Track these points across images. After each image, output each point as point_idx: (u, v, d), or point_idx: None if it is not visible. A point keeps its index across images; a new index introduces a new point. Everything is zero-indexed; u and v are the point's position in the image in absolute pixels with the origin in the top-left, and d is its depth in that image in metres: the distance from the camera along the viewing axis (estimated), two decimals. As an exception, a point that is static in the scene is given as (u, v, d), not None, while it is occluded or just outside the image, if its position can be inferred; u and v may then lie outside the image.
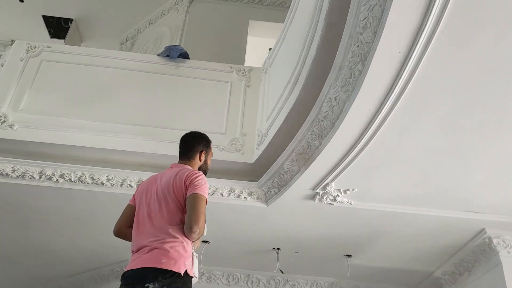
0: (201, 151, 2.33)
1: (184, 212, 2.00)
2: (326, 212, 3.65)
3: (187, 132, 2.45)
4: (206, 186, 2.07)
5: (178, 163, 2.30)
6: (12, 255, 4.64)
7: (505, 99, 2.35)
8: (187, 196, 2.00)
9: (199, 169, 2.29)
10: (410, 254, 4.27)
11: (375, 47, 2.08)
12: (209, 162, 2.41)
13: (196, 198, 1.96)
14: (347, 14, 2.24)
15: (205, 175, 2.24)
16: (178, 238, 1.93)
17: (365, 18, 2.07)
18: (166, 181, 2.11)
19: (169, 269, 1.84)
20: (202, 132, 2.46)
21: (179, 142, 2.41)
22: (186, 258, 1.91)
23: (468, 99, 2.37)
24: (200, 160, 2.31)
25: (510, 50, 2.05)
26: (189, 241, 1.97)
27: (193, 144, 2.34)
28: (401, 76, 2.20)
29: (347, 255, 4.42)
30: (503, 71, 2.17)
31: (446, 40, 2.01)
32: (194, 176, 2.06)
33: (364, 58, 2.21)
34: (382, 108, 2.42)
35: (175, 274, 1.84)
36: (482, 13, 1.88)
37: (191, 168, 2.20)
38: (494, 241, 3.68)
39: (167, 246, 1.89)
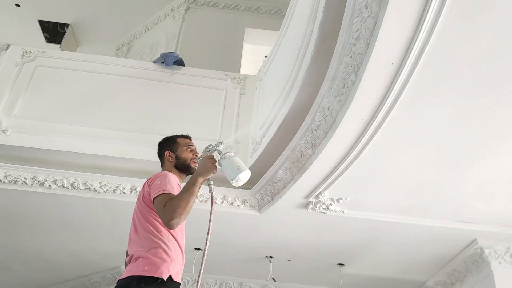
0: (166, 152, 2.31)
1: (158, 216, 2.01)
2: (319, 221, 3.65)
3: None
4: (162, 181, 2.01)
5: None
6: (3, 261, 4.60)
7: (497, 110, 2.37)
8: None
9: (177, 167, 2.26)
10: (403, 264, 4.27)
11: (368, 58, 2.10)
12: (183, 154, 2.28)
13: (157, 202, 1.95)
14: (341, 25, 2.25)
15: (189, 169, 2.21)
16: (160, 245, 1.94)
17: (358, 29, 2.09)
18: (139, 194, 2.12)
19: (151, 275, 1.84)
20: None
21: None
22: (169, 263, 1.91)
23: (460, 110, 2.39)
24: (170, 161, 2.28)
25: (503, 62, 2.08)
26: (171, 246, 1.97)
27: (160, 150, 2.34)
28: (393, 87, 2.23)
29: (339, 264, 4.42)
30: (495, 83, 2.20)
31: (439, 51, 2.03)
32: (149, 183, 2.06)
33: (357, 69, 2.23)
34: (375, 118, 2.44)
35: (158, 280, 1.85)
36: (473, 25, 1.91)
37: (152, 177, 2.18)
38: (486, 251, 3.69)
39: (149, 254, 1.90)
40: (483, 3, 1.81)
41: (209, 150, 2.15)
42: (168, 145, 2.32)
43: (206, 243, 1.96)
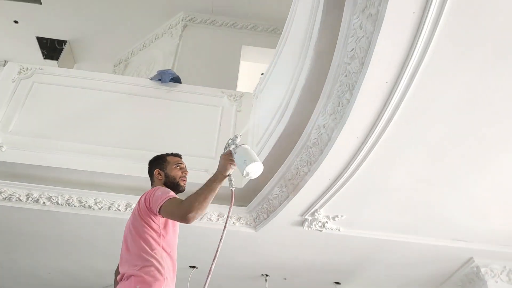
0: (155, 170, 2.31)
1: (157, 234, 2.00)
2: (315, 239, 3.63)
3: None
4: (163, 192, 2.01)
5: None
6: (-4, 278, 4.56)
7: (490, 130, 2.38)
8: (160, 214, 1.99)
9: (166, 185, 2.25)
10: (399, 282, 4.25)
11: (363, 77, 2.12)
12: (172, 172, 2.28)
13: (165, 207, 1.94)
14: (336, 45, 2.28)
15: (177, 187, 2.21)
16: (153, 263, 1.93)
17: (353, 49, 2.11)
18: (133, 210, 2.11)
19: None
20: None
21: None
22: (162, 281, 1.90)
23: (455, 128, 2.40)
24: (159, 179, 2.29)
25: (496, 82, 2.09)
26: (164, 265, 1.96)
27: (149, 169, 2.35)
28: (388, 105, 2.24)
29: (336, 283, 4.40)
30: (489, 102, 2.21)
31: (432, 70, 2.05)
32: (147, 196, 2.05)
33: (352, 88, 2.25)
34: (370, 136, 2.45)
35: None
36: (468, 44, 1.93)
37: (149, 190, 2.17)
38: (482, 270, 3.68)
39: (141, 272, 1.90)
40: (475, 24, 1.84)
41: (228, 145, 2.06)
42: (157, 164, 2.33)
43: (218, 249, 1.96)
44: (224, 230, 1.95)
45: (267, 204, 3.41)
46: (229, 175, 2.01)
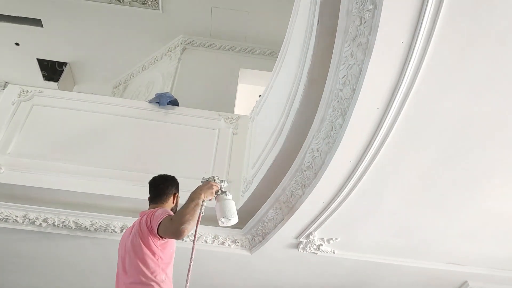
0: (175, 194, 2.35)
1: (156, 256, 2.03)
2: (310, 261, 3.64)
3: (155, 176, 2.49)
4: (163, 211, 2.09)
5: (149, 208, 2.32)
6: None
7: (483, 153, 2.42)
8: (158, 234, 2.02)
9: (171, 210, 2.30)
10: (395, 306, 4.23)
11: (354, 103, 2.16)
12: (179, 202, 2.43)
13: (163, 224, 1.98)
14: (328, 71, 2.34)
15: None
16: (151, 284, 1.95)
17: (345, 75, 2.17)
18: (133, 231, 2.13)
19: None
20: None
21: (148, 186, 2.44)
22: None
23: (447, 153, 2.43)
24: (173, 203, 2.33)
25: (486, 105, 2.13)
26: (162, 285, 1.98)
27: (167, 187, 2.38)
28: (380, 130, 2.28)
29: (332, 305, 4.37)
30: (480, 126, 2.25)
31: (422, 96, 2.10)
32: (148, 217, 2.09)
33: (344, 113, 2.30)
34: (363, 160, 2.49)
35: None
36: (456, 71, 1.98)
37: (150, 210, 2.21)
38: (477, 293, 3.68)
39: None
40: (465, 51, 1.89)
41: (214, 180, 2.34)
42: (177, 188, 2.39)
43: (191, 259, 2.04)
44: (192, 251, 2.09)
45: (262, 226, 3.43)
46: (203, 201, 2.15)
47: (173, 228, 1.89)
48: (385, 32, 1.86)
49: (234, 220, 2.26)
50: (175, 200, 2.36)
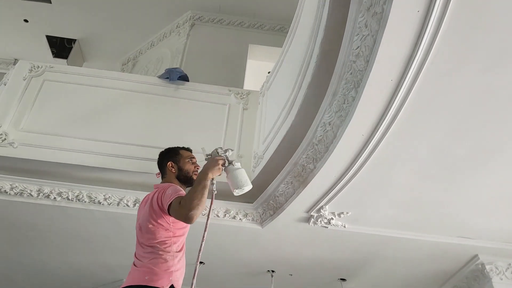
0: (168, 163, 2.35)
1: (165, 229, 2.05)
2: (321, 235, 3.67)
3: None
4: (173, 191, 2.07)
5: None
6: (6, 273, 4.63)
7: (496, 126, 2.40)
8: (169, 212, 2.04)
9: (179, 179, 2.30)
10: (404, 279, 4.27)
11: (368, 75, 2.15)
12: (186, 166, 2.36)
13: (173, 205, 1.98)
14: (341, 43, 2.31)
15: (190, 181, 2.30)
16: (162, 255, 1.98)
17: (358, 47, 2.14)
18: (147, 205, 2.15)
19: (151, 285, 1.88)
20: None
21: None
22: (171, 273, 1.94)
23: (459, 126, 2.42)
24: (172, 172, 2.32)
25: (500, 79, 2.12)
26: (174, 255, 2.01)
27: (162, 161, 2.39)
28: (393, 103, 2.27)
29: (341, 279, 4.43)
30: (493, 100, 2.23)
31: (436, 69, 2.08)
32: (159, 195, 2.09)
33: (357, 85, 2.28)
34: (375, 134, 2.48)
35: None
36: (471, 43, 1.95)
37: (161, 186, 2.22)
38: (487, 267, 3.70)
39: (150, 263, 1.95)
40: (480, 20, 1.86)
41: (218, 153, 2.29)
42: (170, 156, 2.38)
43: (203, 238, 2.04)
44: (206, 223, 2.11)
45: (273, 200, 3.45)
46: (212, 179, 2.14)
47: (182, 214, 1.90)
48: (400, 1, 1.83)
49: (248, 187, 2.24)
50: (172, 168, 2.33)
